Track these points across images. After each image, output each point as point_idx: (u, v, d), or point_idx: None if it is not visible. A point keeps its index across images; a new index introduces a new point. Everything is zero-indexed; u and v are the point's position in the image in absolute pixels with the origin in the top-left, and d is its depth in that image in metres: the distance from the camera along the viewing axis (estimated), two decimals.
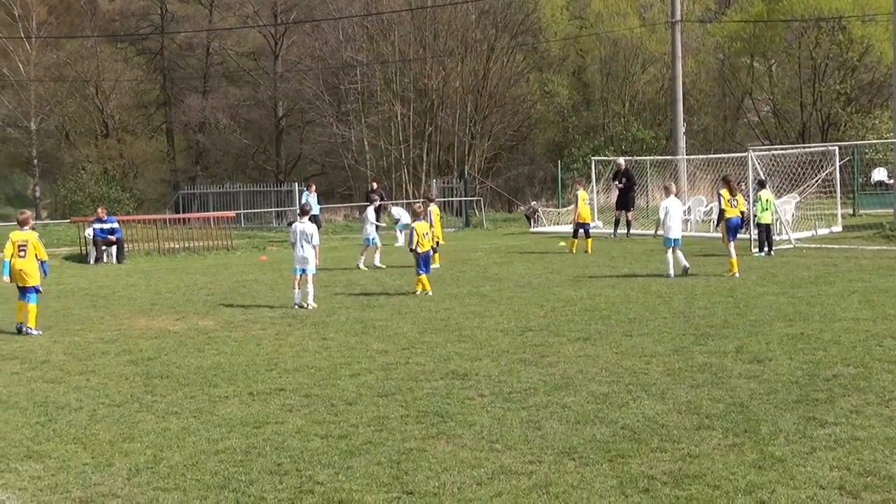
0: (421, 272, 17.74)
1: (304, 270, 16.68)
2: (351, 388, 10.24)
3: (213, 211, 39.05)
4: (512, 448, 7.94)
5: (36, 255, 14.84)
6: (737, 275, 18.61)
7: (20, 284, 14.77)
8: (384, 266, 22.33)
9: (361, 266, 22.19)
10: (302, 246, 16.65)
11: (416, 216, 18.78)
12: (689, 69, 51.65)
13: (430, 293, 17.44)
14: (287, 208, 40.49)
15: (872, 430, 8.04)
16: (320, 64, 54.56)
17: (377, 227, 22.96)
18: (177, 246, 30.69)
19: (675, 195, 20.07)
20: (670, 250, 18.91)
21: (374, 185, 34.25)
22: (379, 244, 22.91)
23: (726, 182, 20.52)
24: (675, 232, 18.99)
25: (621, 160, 31.38)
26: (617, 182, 29.69)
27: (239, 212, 39.80)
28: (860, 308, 14.23)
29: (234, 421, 9.13)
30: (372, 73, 51.93)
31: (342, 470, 7.57)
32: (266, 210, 41.63)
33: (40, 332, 14.55)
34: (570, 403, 9.25)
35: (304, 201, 33.90)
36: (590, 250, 24.54)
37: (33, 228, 15.48)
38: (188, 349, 12.93)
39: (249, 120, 60.90)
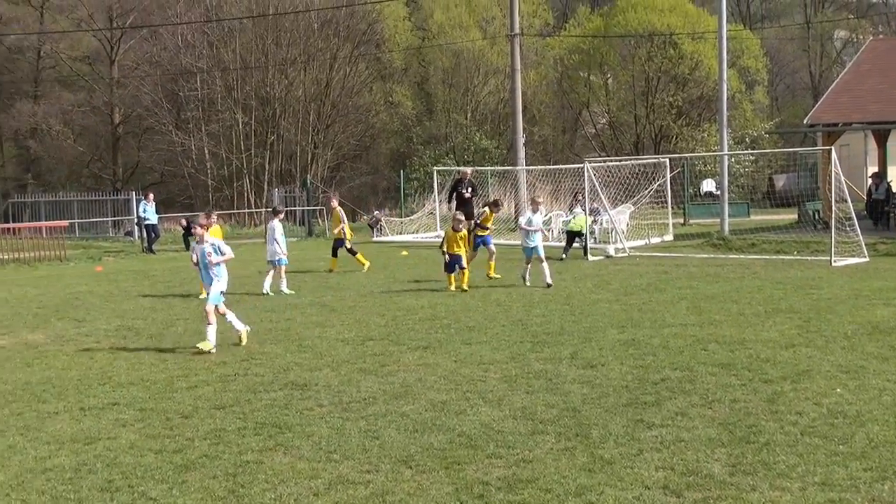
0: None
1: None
2: (187, 401, 10.06)
3: (46, 220, 37.71)
4: (350, 458, 7.96)
5: None
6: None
7: None
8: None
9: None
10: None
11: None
12: (530, 81, 52.82)
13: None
14: (125, 217, 39.48)
15: (696, 430, 8.39)
16: (158, 70, 53.39)
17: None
18: (5, 257, 29.54)
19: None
20: None
21: (469, 171, 30.47)
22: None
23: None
24: None
25: (468, 169, 31.70)
26: (464, 191, 29.73)
27: (73, 221, 38.55)
28: (688, 314, 14.82)
29: (64, 437, 8.85)
30: (212, 81, 51.16)
31: (176, 485, 7.44)
32: (102, 219, 40.44)
33: None
34: (409, 412, 9.33)
35: (141, 211, 33.18)
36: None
37: None
38: (15, 364, 12.46)
39: (84, 126, 58.92)
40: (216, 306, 13.00)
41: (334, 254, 23.04)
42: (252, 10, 51.16)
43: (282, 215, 20.78)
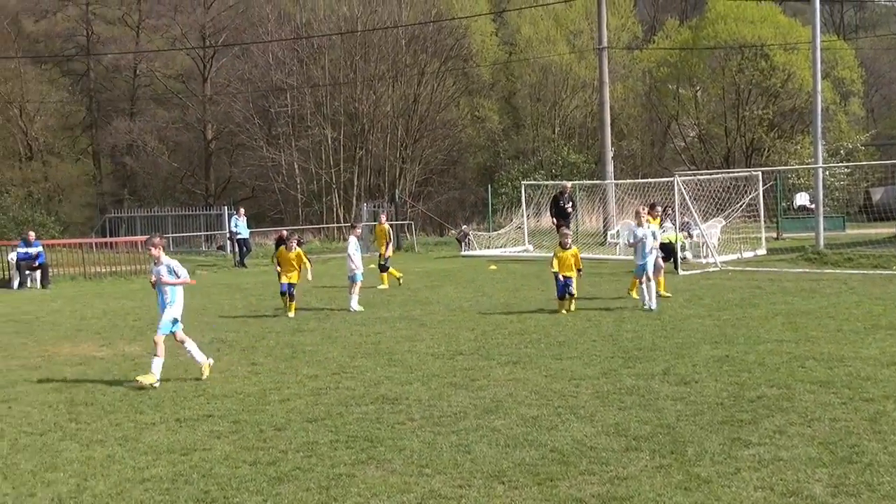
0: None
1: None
2: (280, 414, 10.16)
3: (141, 235, 38.55)
4: (442, 472, 7.93)
5: None
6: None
7: None
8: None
9: None
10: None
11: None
12: (618, 95, 52.43)
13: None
14: (217, 232, 40.17)
15: (795, 450, 8.18)
16: (250, 87, 54.36)
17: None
18: (103, 270, 30.27)
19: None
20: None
21: (569, 185, 31.20)
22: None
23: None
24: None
25: (567, 183, 31.64)
26: (566, 205, 29.81)
27: (167, 235, 39.34)
28: (783, 330, 14.51)
29: (161, 448, 9.00)
30: (302, 97, 51.86)
31: (271, 496, 7.49)
32: (195, 234, 41.22)
33: None
34: (500, 427, 9.27)
35: (233, 225, 33.73)
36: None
37: None
38: (114, 375, 12.72)
39: (178, 143, 60.33)
40: (174, 334, 12.26)
41: (384, 270, 23.63)
42: (341, 27, 51.77)
43: (358, 230, 20.77)
